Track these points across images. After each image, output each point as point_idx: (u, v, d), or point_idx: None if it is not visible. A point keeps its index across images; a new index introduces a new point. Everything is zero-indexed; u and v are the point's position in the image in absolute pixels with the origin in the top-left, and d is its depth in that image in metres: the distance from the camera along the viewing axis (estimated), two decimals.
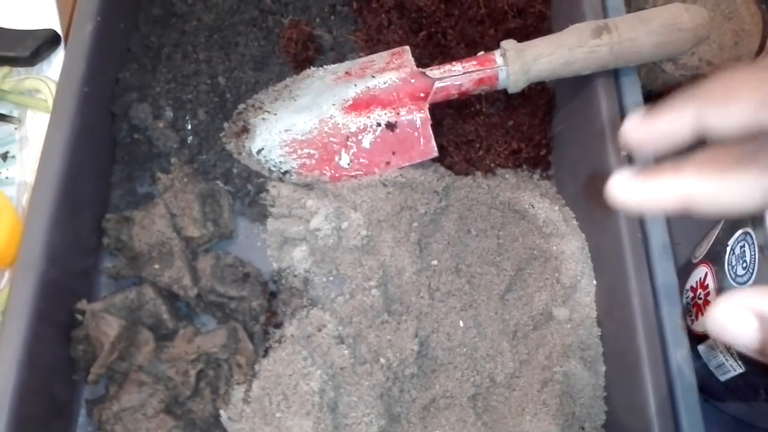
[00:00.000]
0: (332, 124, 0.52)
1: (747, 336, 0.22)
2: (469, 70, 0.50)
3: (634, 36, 0.48)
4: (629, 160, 0.48)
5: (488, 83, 0.50)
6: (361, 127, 0.52)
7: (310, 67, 0.57)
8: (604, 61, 0.49)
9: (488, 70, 0.50)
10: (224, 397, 0.45)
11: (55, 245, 0.44)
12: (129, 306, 0.45)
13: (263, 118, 0.53)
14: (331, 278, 0.50)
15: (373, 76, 0.53)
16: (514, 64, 0.49)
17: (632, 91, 0.51)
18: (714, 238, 0.48)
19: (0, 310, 0.46)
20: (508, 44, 0.50)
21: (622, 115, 0.50)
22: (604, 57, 0.48)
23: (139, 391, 0.43)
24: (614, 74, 0.51)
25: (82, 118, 0.47)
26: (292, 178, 0.53)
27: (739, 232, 0.44)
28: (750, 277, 0.41)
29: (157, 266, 0.47)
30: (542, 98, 0.57)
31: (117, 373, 0.45)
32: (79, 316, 0.45)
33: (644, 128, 0.26)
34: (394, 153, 0.52)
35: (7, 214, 0.46)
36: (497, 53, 0.50)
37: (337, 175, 0.52)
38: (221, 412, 0.45)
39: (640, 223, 0.47)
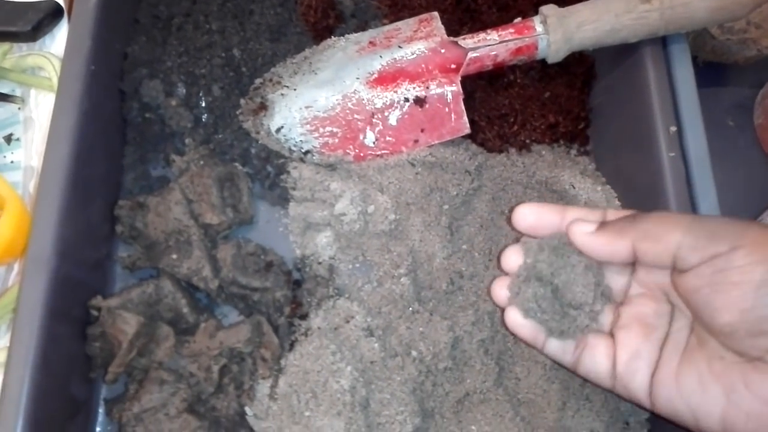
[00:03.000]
0: (356, 100, 0.48)
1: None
2: (506, 39, 0.46)
3: (687, 0, 0.44)
4: (678, 135, 0.45)
5: (526, 53, 0.47)
6: (388, 103, 0.48)
7: (330, 37, 0.53)
8: (654, 28, 0.45)
9: (527, 39, 0.46)
10: (249, 393, 0.43)
11: (67, 237, 0.41)
12: (147, 300, 0.43)
13: (282, 94, 0.50)
14: (357, 265, 0.47)
15: (399, 47, 0.49)
16: (556, 32, 0.45)
17: (682, 59, 0.47)
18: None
19: (10, 307, 0.43)
20: (549, 10, 0.46)
21: (671, 85, 0.46)
22: (653, 24, 0.44)
23: (160, 390, 0.41)
24: (662, 41, 0.47)
25: (89, 99, 0.44)
26: (314, 158, 0.49)
27: None
28: None
29: (174, 256, 0.44)
30: (581, 67, 0.53)
31: (136, 370, 0.43)
32: (94, 312, 0.43)
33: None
34: (422, 130, 0.48)
35: (13, 205, 0.43)
36: (536, 20, 0.46)
37: (361, 154, 0.49)
38: (247, 409, 0.42)
39: (690, 202, 0.44)
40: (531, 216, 0.38)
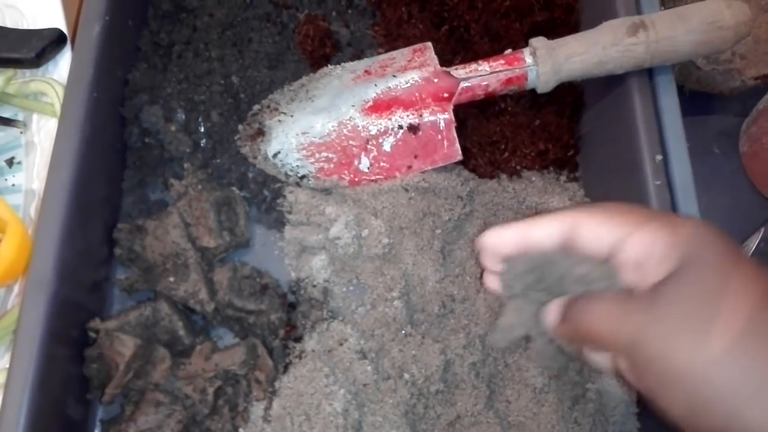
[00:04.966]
0: (351, 127, 0.50)
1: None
2: (497, 69, 0.47)
3: (672, 34, 0.45)
4: (664, 163, 0.46)
5: (517, 83, 0.48)
6: (382, 130, 0.49)
7: (327, 65, 0.54)
8: (640, 61, 0.46)
9: (517, 70, 0.47)
10: (243, 415, 0.44)
11: (67, 260, 0.42)
12: (144, 323, 0.44)
13: (279, 120, 0.51)
14: (351, 288, 0.48)
15: (394, 75, 0.50)
16: (545, 63, 0.46)
17: (667, 90, 0.49)
18: (760, 237, 0.46)
19: (11, 329, 0.44)
20: (539, 42, 0.47)
21: (656, 115, 0.48)
22: (639, 56, 0.46)
23: (155, 412, 0.42)
24: (648, 72, 0.49)
25: (91, 124, 0.45)
26: (310, 182, 0.50)
27: None
28: None
29: (172, 279, 0.45)
30: (570, 96, 0.54)
31: (132, 391, 0.43)
32: (92, 334, 0.43)
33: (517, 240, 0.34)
34: (416, 156, 0.50)
35: (14, 227, 0.44)
36: (526, 52, 0.47)
37: (356, 179, 0.50)
38: (241, 431, 0.43)
39: None
40: (508, 241, 0.35)
